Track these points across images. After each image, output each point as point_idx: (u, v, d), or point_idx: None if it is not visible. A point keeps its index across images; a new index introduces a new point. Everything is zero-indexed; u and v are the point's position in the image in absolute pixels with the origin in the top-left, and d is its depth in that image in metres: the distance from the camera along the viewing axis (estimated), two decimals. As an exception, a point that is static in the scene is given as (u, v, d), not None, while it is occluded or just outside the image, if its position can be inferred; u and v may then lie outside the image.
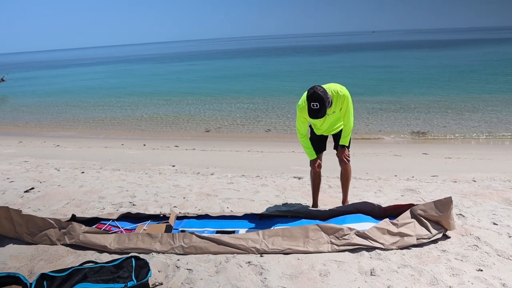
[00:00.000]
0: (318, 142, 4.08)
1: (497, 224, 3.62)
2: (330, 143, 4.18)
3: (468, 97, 15.30)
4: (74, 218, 3.79)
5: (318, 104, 3.35)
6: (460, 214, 3.88)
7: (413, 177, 5.80)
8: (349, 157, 3.95)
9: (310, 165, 4.11)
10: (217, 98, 18.48)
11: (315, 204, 4.34)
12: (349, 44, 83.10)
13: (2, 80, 24.30)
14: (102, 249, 3.31)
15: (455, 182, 5.36)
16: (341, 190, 4.36)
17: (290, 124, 12.37)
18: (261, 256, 3.16)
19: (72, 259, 3.22)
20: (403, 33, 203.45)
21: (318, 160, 4.00)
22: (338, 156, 3.97)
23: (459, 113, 12.76)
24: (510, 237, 3.35)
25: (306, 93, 3.53)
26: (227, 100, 17.62)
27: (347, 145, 3.90)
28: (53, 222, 3.53)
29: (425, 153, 8.30)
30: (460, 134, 10.54)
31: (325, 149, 4.17)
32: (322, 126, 3.92)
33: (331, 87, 3.66)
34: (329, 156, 4.29)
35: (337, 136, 4.01)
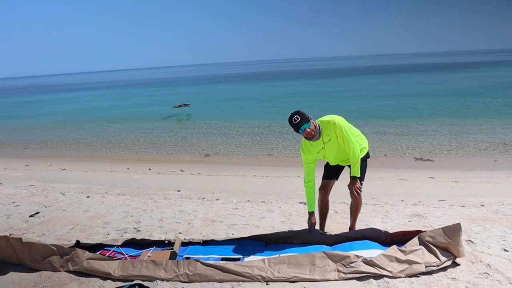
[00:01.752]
0: (331, 169, 4.06)
1: (507, 251, 3.55)
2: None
3: (470, 121, 15.34)
4: (78, 244, 3.75)
5: (298, 116, 3.54)
6: (469, 240, 3.81)
7: (420, 201, 5.74)
8: (360, 189, 3.81)
9: (319, 193, 4.09)
10: (214, 122, 18.64)
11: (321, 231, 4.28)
12: (352, 68, 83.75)
13: (185, 105, 23.79)
14: (106, 276, 3.27)
15: (463, 206, 5.30)
16: (347, 215, 4.31)
17: (291, 147, 12.38)
18: (266, 284, 3.11)
19: (75, 286, 3.18)
20: (405, 57, 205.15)
21: (313, 218, 3.96)
22: (349, 188, 3.85)
23: (463, 137, 12.73)
24: (521, 264, 3.28)
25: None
26: (225, 124, 17.77)
27: (358, 176, 3.76)
28: (55, 249, 3.50)
29: (432, 177, 8.23)
30: (466, 158, 10.49)
31: (336, 179, 4.11)
32: (328, 157, 3.89)
33: (321, 118, 3.77)
34: (336, 181, 4.25)
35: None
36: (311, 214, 3.97)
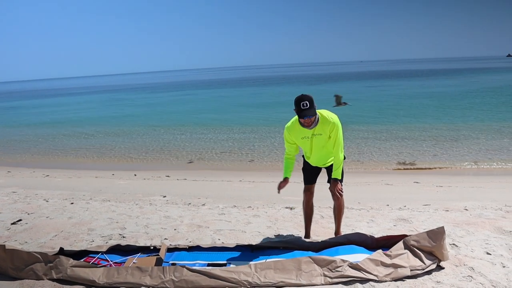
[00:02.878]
0: (310, 174, 4.09)
1: (490, 254, 3.60)
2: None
3: (450, 127, 15.62)
4: (62, 251, 3.69)
5: (308, 102, 3.52)
6: (453, 244, 3.86)
7: (405, 206, 5.80)
8: (342, 191, 3.86)
9: (304, 194, 4.11)
10: (196, 128, 18.62)
11: (307, 235, 4.30)
12: (337, 74, 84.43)
13: (345, 103, 19.91)
14: (90, 284, 3.22)
15: (447, 211, 5.36)
16: (333, 220, 4.32)
17: (274, 151, 12.40)
18: (253, 289, 3.10)
19: (58, 294, 3.12)
20: (389, 63, 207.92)
21: (283, 184, 3.90)
22: (330, 190, 3.88)
23: (446, 142, 12.96)
24: (504, 267, 3.32)
25: (295, 117, 3.74)
26: (207, 130, 17.77)
27: (339, 178, 3.81)
28: (39, 256, 3.43)
29: (417, 182, 8.33)
30: (449, 163, 10.65)
31: (315, 182, 4.14)
32: (307, 148, 3.87)
33: (322, 111, 3.75)
34: (321, 186, 4.27)
35: (330, 170, 3.98)
36: (285, 179, 3.93)
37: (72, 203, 6.35)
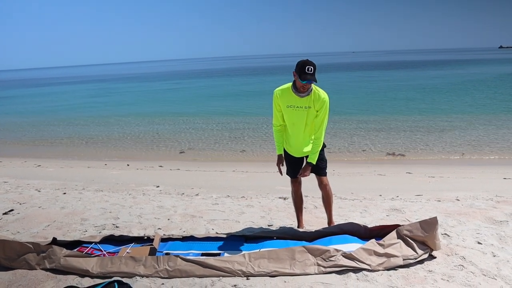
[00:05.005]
0: (292, 168, 4.08)
1: (481, 243, 3.64)
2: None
3: (439, 118, 15.69)
4: (54, 241, 3.68)
5: (312, 68, 3.50)
6: (445, 234, 3.90)
7: (397, 196, 5.83)
8: (307, 175, 3.90)
9: (292, 185, 4.12)
10: (186, 118, 18.52)
11: (299, 224, 4.31)
12: (328, 64, 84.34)
13: None
14: (83, 274, 3.21)
15: (439, 201, 5.41)
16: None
17: (266, 141, 12.40)
18: (247, 279, 3.11)
19: (52, 284, 3.11)
20: (382, 54, 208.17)
21: (280, 162, 4.00)
22: (300, 175, 3.92)
23: (435, 133, 13.00)
24: (494, 256, 3.37)
25: (288, 84, 3.76)
26: (198, 120, 17.70)
27: (314, 163, 3.82)
28: (31, 246, 3.41)
29: (409, 172, 8.37)
30: (442, 153, 10.71)
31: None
32: (293, 123, 3.81)
33: (316, 86, 3.72)
34: (312, 177, 4.28)
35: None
36: (279, 157, 4.01)
37: (64, 193, 6.32)
